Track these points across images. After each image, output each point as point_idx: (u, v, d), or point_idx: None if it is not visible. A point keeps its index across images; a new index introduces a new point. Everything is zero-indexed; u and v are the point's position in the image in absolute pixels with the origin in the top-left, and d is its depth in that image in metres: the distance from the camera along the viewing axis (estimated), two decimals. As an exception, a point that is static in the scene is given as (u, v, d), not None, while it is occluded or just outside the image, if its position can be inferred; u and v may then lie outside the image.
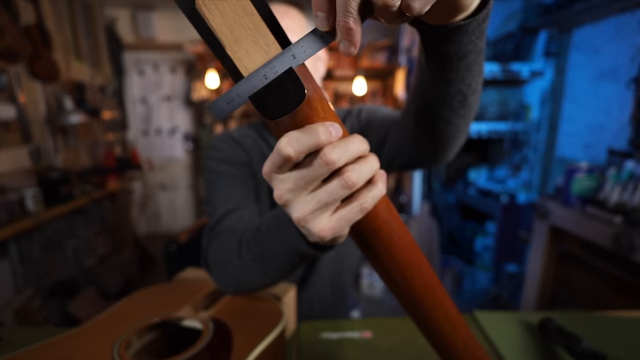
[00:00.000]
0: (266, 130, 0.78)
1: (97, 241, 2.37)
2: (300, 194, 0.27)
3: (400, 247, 0.32)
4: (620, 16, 1.82)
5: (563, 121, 2.24)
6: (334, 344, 0.63)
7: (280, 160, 0.25)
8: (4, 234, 1.49)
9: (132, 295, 0.58)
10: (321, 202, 0.27)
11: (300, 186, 0.26)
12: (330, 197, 0.26)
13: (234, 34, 0.23)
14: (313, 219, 0.27)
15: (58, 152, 2.31)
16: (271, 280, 0.49)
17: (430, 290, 0.34)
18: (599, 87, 1.95)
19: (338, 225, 0.27)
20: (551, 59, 2.28)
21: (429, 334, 0.37)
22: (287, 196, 0.27)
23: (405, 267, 0.32)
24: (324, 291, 0.82)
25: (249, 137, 0.77)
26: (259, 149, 0.76)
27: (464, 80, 0.43)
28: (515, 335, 0.65)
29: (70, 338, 0.47)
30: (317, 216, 0.27)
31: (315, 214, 0.27)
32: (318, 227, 0.27)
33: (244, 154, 0.74)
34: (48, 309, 1.88)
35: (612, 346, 0.61)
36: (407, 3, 0.23)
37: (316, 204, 0.27)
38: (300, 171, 0.26)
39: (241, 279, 0.51)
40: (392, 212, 0.32)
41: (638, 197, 1.34)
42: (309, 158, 0.26)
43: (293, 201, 0.27)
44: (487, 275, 2.55)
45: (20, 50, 1.84)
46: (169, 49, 3.22)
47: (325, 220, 0.27)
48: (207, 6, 0.22)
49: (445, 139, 0.53)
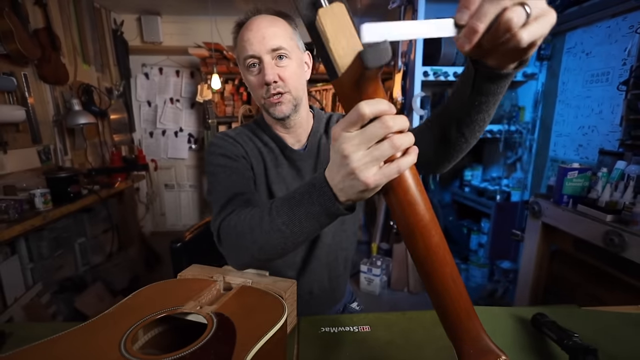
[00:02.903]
0: (259, 128, 0.85)
1: (104, 239, 2.42)
2: (360, 148, 0.37)
3: (421, 207, 0.39)
4: (612, 21, 1.87)
5: (556, 123, 2.28)
6: (334, 338, 0.65)
7: (356, 117, 0.36)
8: (14, 232, 1.50)
9: (139, 291, 0.58)
10: (374, 157, 0.37)
11: (363, 141, 0.37)
12: (381, 153, 0.37)
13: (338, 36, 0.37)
14: (365, 170, 0.38)
15: (66, 153, 2.37)
16: (293, 245, 0.54)
17: (441, 250, 0.40)
18: (591, 89, 2.00)
19: (380, 178, 0.38)
20: (544, 62, 2.33)
21: (434, 288, 0.41)
22: (351, 149, 0.38)
23: (425, 225, 0.39)
24: (322, 278, 0.88)
25: (244, 135, 0.84)
26: (254, 144, 0.82)
27: (489, 111, 0.55)
28: (508, 330, 0.67)
29: (78, 333, 0.46)
30: (368, 168, 0.38)
31: (367, 165, 0.38)
32: (367, 175, 0.38)
33: (242, 148, 0.80)
34: (56, 305, 1.91)
35: (602, 341, 0.63)
36: (521, 36, 0.35)
37: (370, 158, 0.37)
38: (365, 130, 0.37)
39: (263, 244, 0.56)
40: (417, 180, 0.40)
41: (628, 196, 1.37)
42: (373, 122, 0.37)
43: (354, 154, 0.38)
44: (481, 271, 2.60)
45: (29, 54, 1.88)
46: (174, 53, 3.28)
47: (373, 171, 0.38)
48: (322, 19, 0.36)
49: (456, 153, 0.64)
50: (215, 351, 0.43)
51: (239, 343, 0.44)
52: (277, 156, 0.83)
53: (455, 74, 2.34)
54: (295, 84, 0.76)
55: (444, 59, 2.34)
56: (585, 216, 1.45)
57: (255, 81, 0.75)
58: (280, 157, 0.83)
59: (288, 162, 0.83)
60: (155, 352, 0.50)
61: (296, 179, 0.83)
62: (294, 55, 0.76)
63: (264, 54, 0.72)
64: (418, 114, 2.35)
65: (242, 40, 0.73)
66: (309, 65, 0.84)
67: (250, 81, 0.76)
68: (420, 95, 2.33)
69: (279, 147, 0.84)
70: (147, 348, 0.50)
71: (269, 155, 0.83)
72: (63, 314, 1.94)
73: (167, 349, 0.44)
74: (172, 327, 0.54)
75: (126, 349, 0.43)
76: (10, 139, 1.87)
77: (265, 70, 0.72)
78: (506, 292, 2.32)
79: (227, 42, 3.00)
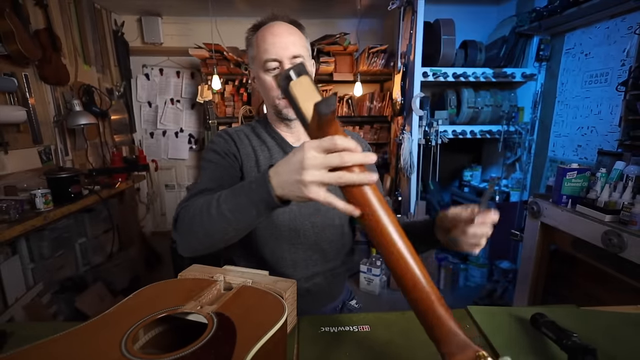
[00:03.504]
0: (261, 126, 0.91)
1: (105, 239, 2.42)
2: (319, 168, 0.48)
3: (383, 218, 0.48)
4: (611, 22, 1.87)
5: (555, 123, 2.29)
6: (334, 338, 0.65)
7: (329, 145, 0.47)
8: (15, 232, 1.50)
9: (139, 291, 0.58)
10: (323, 179, 0.48)
11: (323, 164, 0.47)
12: (329, 179, 0.48)
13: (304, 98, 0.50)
14: (313, 186, 0.48)
15: (67, 153, 2.37)
16: (235, 231, 0.61)
17: (402, 259, 0.47)
18: (590, 90, 2.01)
19: (319, 195, 0.49)
20: (543, 63, 2.33)
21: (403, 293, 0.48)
22: (311, 165, 0.47)
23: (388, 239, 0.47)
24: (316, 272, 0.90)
25: (242, 133, 0.89)
26: (249, 142, 0.88)
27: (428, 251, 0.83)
28: (508, 330, 0.67)
29: (79, 332, 0.47)
30: (316, 186, 0.48)
31: (316, 184, 0.48)
32: (312, 190, 0.48)
33: (234, 146, 0.85)
34: (57, 305, 1.92)
35: (601, 340, 0.63)
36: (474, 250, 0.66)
37: (320, 179, 0.48)
38: (328, 157, 0.47)
39: (208, 228, 0.61)
40: (379, 196, 0.48)
41: (627, 197, 1.37)
42: (337, 152, 0.48)
43: (311, 170, 0.48)
44: (481, 271, 2.60)
45: (30, 55, 1.89)
46: (174, 54, 3.28)
47: (318, 190, 0.48)
48: (293, 88, 0.49)
49: None
50: (215, 351, 0.43)
51: (239, 343, 0.44)
52: (273, 154, 0.87)
53: (455, 75, 2.35)
54: None
55: (444, 59, 2.35)
56: (584, 216, 1.45)
57: (272, 82, 0.81)
58: (278, 154, 0.87)
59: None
60: (156, 351, 0.50)
61: None
62: (307, 63, 0.83)
63: (285, 60, 0.78)
64: (417, 114, 2.35)
65: (265, 43, 0.79)
66: (313, 72, 0.90)
67: (268, 81, 0.81)
68: (419, 96, 2.33)
69: (280, 145, 0.88)
70: (147, 348, 0.51)
71: (263, 154, 0.87)
72: (64, 314, 1.95)
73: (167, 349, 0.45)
74: (172, 326, 0.54)
75: (127, 349, 0.43)
76: (11, 139, 1.88)
77: None
78: (505, 292, 2.32)
79: (228, 43, 3.01)
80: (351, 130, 3.17)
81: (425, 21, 2.27)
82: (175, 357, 0.42)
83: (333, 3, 2.87)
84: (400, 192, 2.71)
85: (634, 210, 1.28)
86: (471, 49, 2.42)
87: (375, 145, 3.29)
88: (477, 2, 2.73)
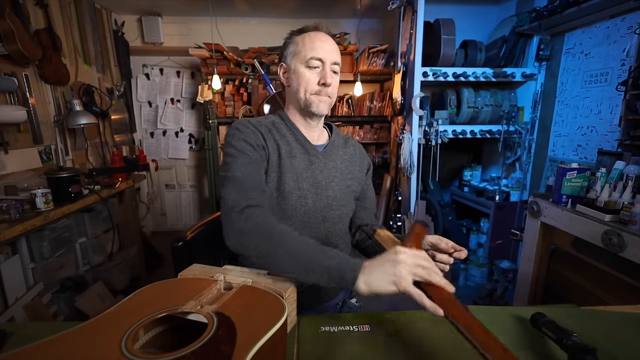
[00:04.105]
0: (281, 121, 0.96)
1: (105, 239, 2.42)
2: (410, 272, 0.58)
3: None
4: (611, 21, 1.87)
5: (555, 123, 2.29)
6: (334, 337, 0.65)
7: (424, 263, 0.60)
8: (15, 232, 1.50)
9: (140, 290, 0.58)
10: (415, 273, 0.59)
11: (412, 271, 0.59)
12: (418, 271, 0.59)
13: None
14: (406, 277, 0.58)
15: (67, 153, 2.37)
16: (292, 276, 0.68)
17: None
18: (590, 90, 2.01)
19: (409, 279, 0.58)
20: (543, 63, 2.33)
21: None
22: (405, 272, 0.58)
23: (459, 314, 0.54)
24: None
25: (263, 125, 0.92)
26: (272, 135, 0.91)
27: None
28: (508, 330, 0.67)
29: (79, 332, 0.47)
30: (407, 276, 0.58)
31: (408, 278, 0.58)
32: (402, 277, 0.57)
33: (262, 138, 0.88)
34: (57, 305, 1.92)
35: (601, 340, 0.63)
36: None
37: (412, 272, 0.59)
38: (417, 268, 0.59)
39: (268, 261, 0.69)
40: (455, 302, 0.56)
41: (627, 196, 1.37)
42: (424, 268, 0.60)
43: (405, 273, 0.58)
44: (481, 271, 2.60)
45: (30, 54, 1.89)
46: (174, 53, 3.28)
47: (409, 278, 0.58)
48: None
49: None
50: (215, 350, 0.43)
51: (239, 342, 0.44)
52: (293, 148, 0.91)
53: (455, 75, 2.35)
54: (335, 93, 0.93)
55: (443, 59, 2.35)
56: (584, 216, 1.45)
57: (311, 77, 0.89)
58: (296, 149, 0.92)
59: (303, 154, 0.92)
60: (156, 351, 0.50)
61: (307, 170, 0.91)
62: (339, 72, 0.94)
63: (328, 62, 0.89)
64: (417, 114, 2.35)
65: (312, 43, 0.88)
66: (336, 86, 0.97)
67: (306, 76, 0.89)
68: (419, 96, 2.33)
69: (298, 140, 0.93)
70: (147, 347, 0.51)
71: (285, 147, 0.90)
72: (64, 314, 1.95)
73: (167, 349, 0.45)
74: (172, 326, 0.54)
75: (127, 348, 0.43)
76: (11, 139, 1.88)
77: (326, 75, 0.88)
78: (505, 292, 2.32)
79: (228, 42, 3.01)
80: (351, 130, 3.17)
81: (425, 21, 2.27)
82: (175, 357, 0.42)
83: (333, 3, 2.87)
84: (400, 192, 2.70)
85: (634, 210, 1.28)
86: (471, 49, 2.42)
87: (375, 145, 3.29)
88: (477, 2, 2.73)
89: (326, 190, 0.92)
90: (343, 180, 0.96)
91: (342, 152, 1.01)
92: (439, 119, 2.40)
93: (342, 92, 3.21)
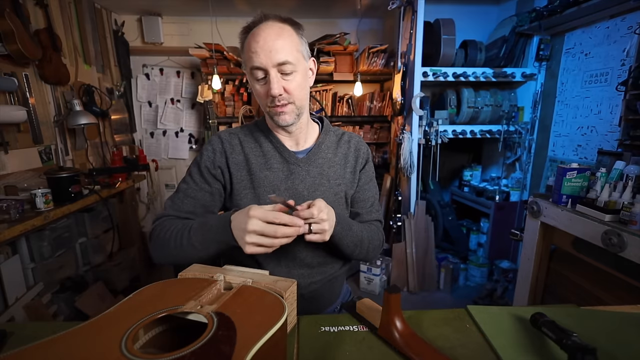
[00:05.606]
0: (258, 130, 0.90)
1: (105, 239, 2.42)
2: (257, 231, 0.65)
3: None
4: (611, 21, 1.87)
5: (555, 123, 2.29)
6: (333, 338, 0.65)
7: (270, 218, 0.65)
8: (15, 232, 1.50)
9: (139, 290, 0.58)
10: (261, 231, 0.65)
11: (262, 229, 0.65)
12: (265, 229, 0.65)
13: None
14: (250, 238, 0.65)
15: (67, 153, 2.37)
16: (206, 255, 0.74)
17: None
18: (590, 90, 2.01)
19: (255, 241, 0.65)
20: (543, 63, 2.33)
21: None
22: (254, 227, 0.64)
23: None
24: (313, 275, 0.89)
25: (235, 137, 0.89)
26: (242, 150, 0.87)
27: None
28: (508, 330, 0.67)
29: (79, 332, 0.46)
30: (252, 237, 0.65)
31: (253, 235, 0.65)
32: (249, 241, 0.65)
33: (224, 157, 0.86)
34: (57, 305, 1.92)
35: (601, 340, 0.63)
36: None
37: (259, 232, 0.65)
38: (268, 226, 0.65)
39: (180, 254, 0.75)
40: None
41: (627, 196, 1.37)
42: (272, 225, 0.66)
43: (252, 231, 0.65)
44: (481, 271, 2.61)
45: (30, 54, 1.89)
46: (174, 53, 3.28)
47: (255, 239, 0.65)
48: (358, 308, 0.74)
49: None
50: (215, 350, 0.43)
51: (239, 342, 0.44)
52: (269, 158, 0.86)
53: (455, 75, 2.35)
54: (300, 95, 0.80)
55: (443, 59, 2.35)
56: (584, 216, 1.45)
57: (261, 91, 0.79)
58: (274, 158, 0.86)
59: (281, 164, 0.86)
60: (156, 351, 0.50)
61: (285, 181, 0.85)
62: (300, 66, 0.78)
63: (270, 68, 0.74)
64: (417, 114, 2.35)
65: (249, 51, 0.75)
66: (314, 71, 0.86)
67: (257, 89, 0.80)
68: (419, 96, 2.33)
69: (277, 149, 0.86)
70: (147, 347, 0.50)
71: (257, 160, 0.85)
72: (64, 314, 1.95)
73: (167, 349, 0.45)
74: (172, 326, 0.54)
75: (127, 349, 0.43)
76: (11, 139, 1.88)
77: (271, 84, 0.75)
78: (505, 292, 2.32)
79: (228, 42, 3.01)
80: (351, 130, 3.17)
81: (425, 21, 2.27)
82: (175, 357, 0.41)
83: (333, 3, 2.87)
84: (400, 192, 2.71)
85: (633, 210, 1.28)
86: (471, 49, 2.42)
87: (375, 145, 3.29)
88: (477, 2, 2.73)
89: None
90: (330, 187, 0.87)
91: (332, 153, 0.90)
92: (439, 119, 2.41)
93: (342, 92, 3.21)
